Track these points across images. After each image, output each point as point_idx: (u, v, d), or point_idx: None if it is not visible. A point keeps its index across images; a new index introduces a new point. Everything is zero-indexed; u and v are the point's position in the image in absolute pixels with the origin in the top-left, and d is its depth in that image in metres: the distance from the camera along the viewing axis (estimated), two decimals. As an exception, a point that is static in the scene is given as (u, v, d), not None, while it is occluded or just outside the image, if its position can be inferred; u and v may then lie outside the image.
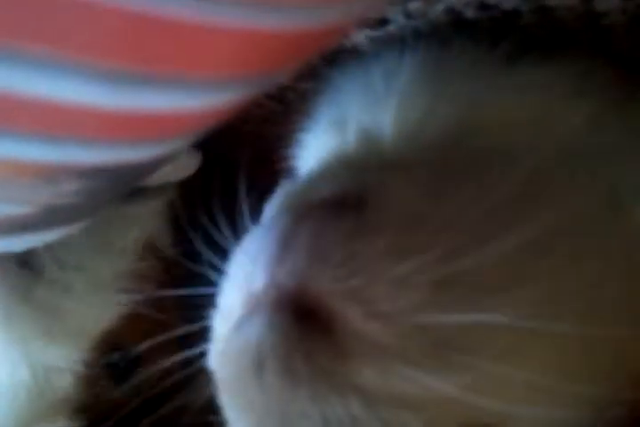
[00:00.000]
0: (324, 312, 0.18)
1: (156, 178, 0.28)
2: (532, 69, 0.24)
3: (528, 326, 0.18)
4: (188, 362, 0.22)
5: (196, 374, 0.21)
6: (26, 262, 0.30)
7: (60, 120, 0.18)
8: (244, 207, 0.22)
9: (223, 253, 0.21)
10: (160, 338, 0.25)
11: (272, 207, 0.22)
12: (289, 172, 0.26)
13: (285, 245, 0.19)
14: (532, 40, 0.24)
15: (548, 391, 0.19)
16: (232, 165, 0.27)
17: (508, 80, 0.24)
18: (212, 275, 0.22)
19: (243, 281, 0.19)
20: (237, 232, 0.22)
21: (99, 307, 0.31)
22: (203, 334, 0.21)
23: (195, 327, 0.22)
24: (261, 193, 0.23)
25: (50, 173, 0.20)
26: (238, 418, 0.19)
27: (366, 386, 0.18)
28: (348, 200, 0.20)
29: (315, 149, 0.26)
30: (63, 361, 0.30)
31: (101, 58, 0.16)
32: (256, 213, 0.22)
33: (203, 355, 0.21)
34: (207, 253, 0.22)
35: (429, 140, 0.23)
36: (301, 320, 0.18)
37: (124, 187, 0.24)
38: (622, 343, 0.20)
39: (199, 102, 0.18)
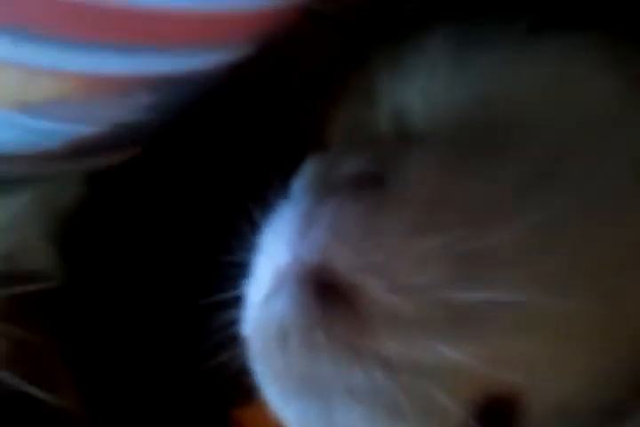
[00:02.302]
0: (345, 286, 0.18)
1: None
2: (555, 42, 0.22)
3: (545, 303, 0.18)
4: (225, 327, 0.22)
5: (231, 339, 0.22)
6: None
7: (139, 28, 0.17)
8: (275, 183, 0.22)
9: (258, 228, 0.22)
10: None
11: (298, 184, 0.22)
12: (317, 145, 0.26)
13: (308, 222, 0.19)
14: (556, 11, 0.22)
15: (564, 366, 0.19)
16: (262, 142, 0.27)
17: (531, 53, 0.22)
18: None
19: (271, 255, 0.20)
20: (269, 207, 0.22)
21: None
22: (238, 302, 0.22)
23: (231, 294, 0.22)
24: (292, 167, 0.23)
25: (124, 87, 0.20)
26: (268, 384, 0.20)
27: (388, 357, 0.18)
28: (369, 178, 0.19)
29: (345, 122, 0.26)
30: None
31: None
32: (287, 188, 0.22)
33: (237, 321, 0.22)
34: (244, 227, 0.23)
35: (453, 115, 0.22)
36: (323, 294, 0.18)
37: (187, 101, 0.23)
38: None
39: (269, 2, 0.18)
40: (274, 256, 0.20)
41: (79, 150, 0.23)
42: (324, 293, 0.18)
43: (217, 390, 0.29)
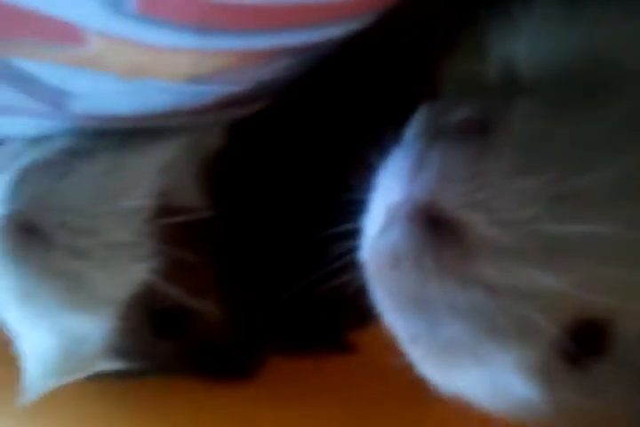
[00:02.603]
0: (452, 221, 0.21)
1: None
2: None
3: (634, 237, 0.20)
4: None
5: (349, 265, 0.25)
6: (34, 230, 0.27)
7: (296, 15, 0.21)
8: (390, 129, 0.24)
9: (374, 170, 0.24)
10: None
11: (411, 130, 0.24)
12: (432, 92, 0.28)
13: (419, 165, 0.22)
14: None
15: None
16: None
17: (637, 9, 0.23)
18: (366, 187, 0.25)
19: (385, 194, 0.23)
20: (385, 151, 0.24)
21: (120, 273, 0.28)
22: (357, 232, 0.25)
23: (352, 226, 0.26)
24: (406, 115, 0.26)
25: (272, 56, 0.23)
26: (382, 301, 0.23)
27: (488, 281, 0.21)
28: (474, 124, 0.22)
29: (456, 73, 0.28)
30: (93, 331, 0.28)
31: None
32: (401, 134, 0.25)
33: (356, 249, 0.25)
34: (362, 169, 0.25)
35: (558, 66, 0.23)
36: (432, 228, 0.21)
37: (319, 59, 0.26)
38: None
39: None
40: (388, 195, 0.22)
41: (225, 104, 0.26)
42: (433, 226, 0.21)
43: (335, 313, 0.33)
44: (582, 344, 0.21)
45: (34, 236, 0.27)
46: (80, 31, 0.20)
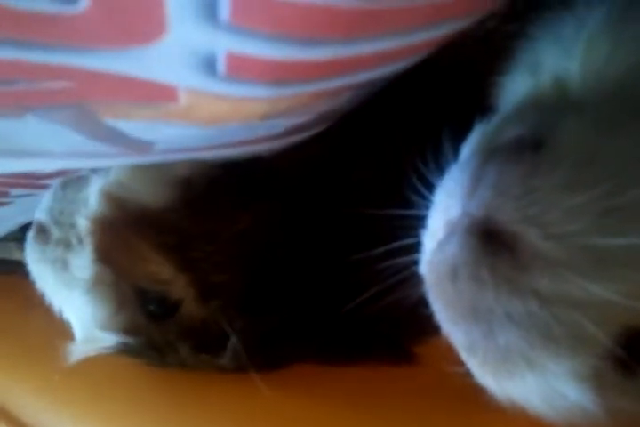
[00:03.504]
0: (506, 235, 0.22)
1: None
2: None
3: None
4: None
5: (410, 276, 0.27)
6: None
7: (370, 61, 0.23)
8: (447, 148, 0.26)
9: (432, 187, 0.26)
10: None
11: (467, 148, 0.26)
12: (487, 110, 0.30)
13: (475, 182, 0.23)
14: None
15: None
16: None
17: None
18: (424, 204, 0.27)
19: (443, 210, 0.24)
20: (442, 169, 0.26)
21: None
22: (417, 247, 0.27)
23: (411, 241, 0.27)
24: (463, 133, 0.27)
25: (338, 93, 0.25)
26: (440, 311, 0.24)
27: (541, 290, 0.22)
28: (527, 141, 0.23)
29: (510, 91, 0.29)
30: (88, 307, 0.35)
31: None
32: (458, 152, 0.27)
33: (416, 263, 0.26)
34: (419, 186, 0.27)
35: (608, 83, 0.25)
36: (488, 241, 0.22)
37: (374, 90, 0.29)
38: None
39: None
40: (446, 211, 0.24)
41: (288, 133, 0.29)
42: (489, 239, 0.22)
43: (398, 325, 0.34)
44: (633, 352, 0.22)
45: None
46: (174, 90, 0.23)
